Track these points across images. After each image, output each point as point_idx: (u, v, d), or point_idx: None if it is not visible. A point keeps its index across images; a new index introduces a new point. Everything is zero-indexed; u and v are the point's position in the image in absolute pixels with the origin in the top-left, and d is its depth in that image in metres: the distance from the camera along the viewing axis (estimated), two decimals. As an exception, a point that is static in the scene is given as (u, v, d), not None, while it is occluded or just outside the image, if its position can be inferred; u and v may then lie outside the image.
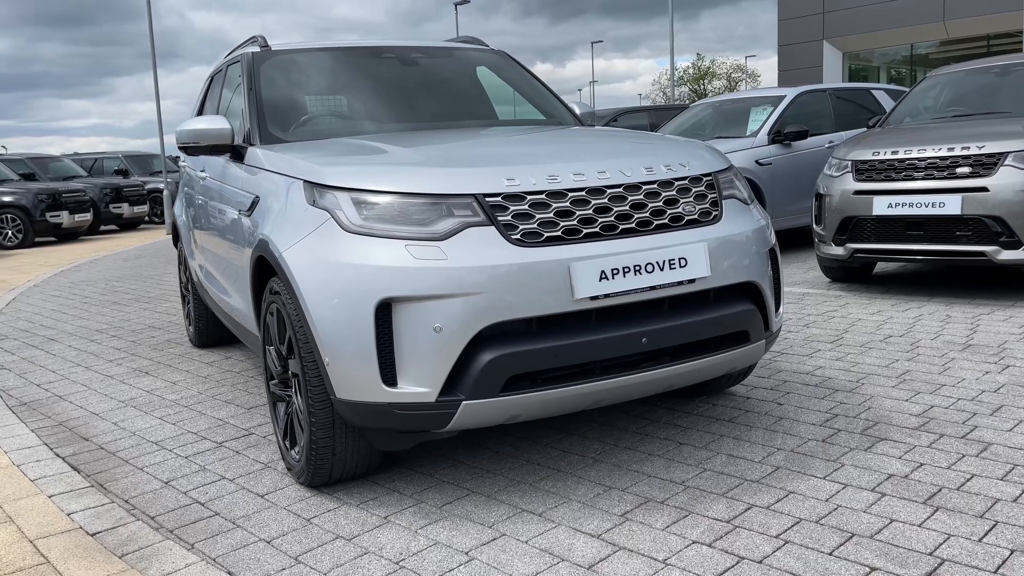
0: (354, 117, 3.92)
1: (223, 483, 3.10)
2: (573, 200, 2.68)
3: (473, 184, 2.62)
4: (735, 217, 2.98)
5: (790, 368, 4.14)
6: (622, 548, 2.41)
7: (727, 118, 8.54)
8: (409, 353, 2.53)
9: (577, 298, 2.57)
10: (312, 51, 4.13)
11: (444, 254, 2.52)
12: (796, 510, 2.59)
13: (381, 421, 2.62)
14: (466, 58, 4.45)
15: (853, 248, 5.73)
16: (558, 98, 4.39)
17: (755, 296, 3.00)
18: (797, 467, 2.92)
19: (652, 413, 3.57)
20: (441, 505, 2.78)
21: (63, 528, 2.77)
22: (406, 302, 2.51)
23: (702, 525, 2.53)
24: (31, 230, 15.27)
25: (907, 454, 2.97)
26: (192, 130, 3.62)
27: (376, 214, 2.62)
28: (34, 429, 3.90)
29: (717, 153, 3.21)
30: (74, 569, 2.47)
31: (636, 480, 2.89)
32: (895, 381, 3.82)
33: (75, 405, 4.28)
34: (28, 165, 17.83)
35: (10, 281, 10.10)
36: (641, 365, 2.75)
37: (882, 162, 5.55)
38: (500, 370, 2.52)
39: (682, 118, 9.01)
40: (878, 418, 3.35)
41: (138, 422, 3.92)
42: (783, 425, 3.33)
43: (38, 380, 4.87)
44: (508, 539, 2.51)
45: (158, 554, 2.53)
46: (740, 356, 2.96)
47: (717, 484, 2.81)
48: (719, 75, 65.78)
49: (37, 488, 3.13)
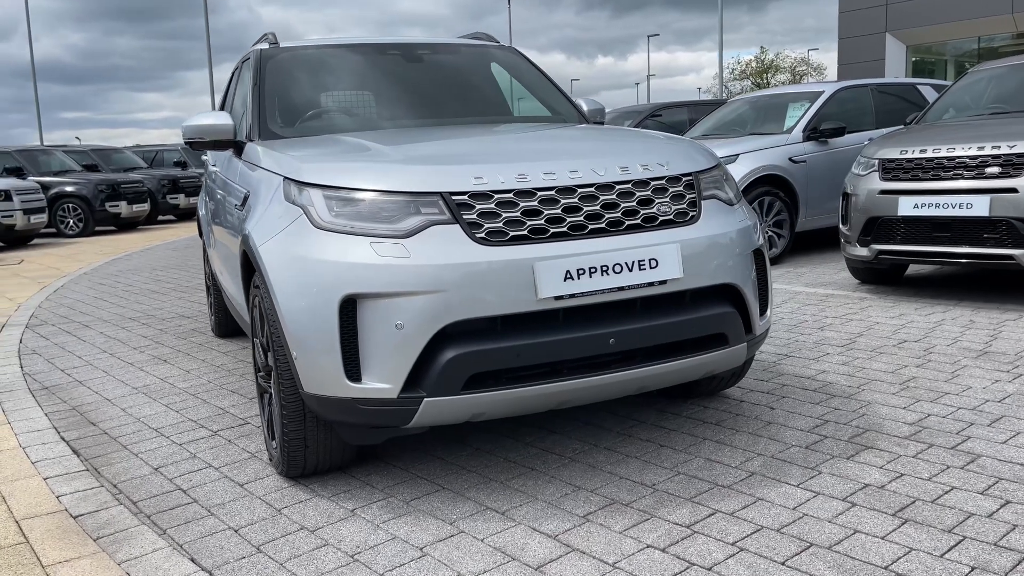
0: (356, 114, 3.97)
1: (208, 471, 3.18)
2: (542, 199, 2.67)
3: (440, 182, 2.64)
4: (715, 218, 2.93)
5: (792, 371, 4.06)
6: (575, 550, 2.41)
7: (764, 114, 8.37)
8: (372, 349, 2.56)
9: (541, 298, 2.57)
10: (319, 48, 4.19)
11: (407, 252, 2.55)
12: (760, 517, 2.54)
13: (346, 416, 2.66)
14: (474, 54, 4.46)
15: (878, 249, 5.57)
16: (565, 95, 4.37)
17: (735, 298, 2.95)
18: (773, 474, 2.86)
19: (640, 414, 3.54)
20: (409, 500, 2.81)
21: (49, 510, 2.88)
22: (370, 299, 2.54)
23: (661, 529, 2.50)
24: (91, 219, 15.82)
25: (889, 464, 2.89)
26: (195, 125, 3.71)
27: (345, 211, 2.66)
28: (47, 412, 4.06)
29: (704, 152, 3.16)
30: (49, 550, 2.57)
31: (607, 481, 2.88)
32: (897, 388, 3.72)
33: (91, 390, 4.44)
34: (91, 156, 18.46)
35: (63, 268, 10.49)
36: (611, 366, 2.73)
37: (909, 161, 5.38)
38: (461, 368, 2.54)
39: (719, 114, 8.87)
40: (869, 426, 3.26)
41: (145, 409, 4.04)
42: (769, 430, 3.27)
43: (63, 365, 5.06)
44: (465, 536, 2.53)
45: (131, 538, 2.61)
46: (718, 359, 2.92)
47: (687, 488, 2.78)
48: (783, 68, 64.42)
49: (35, 470, 3.26)
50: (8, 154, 16.22)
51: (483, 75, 4.42)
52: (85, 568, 2.44)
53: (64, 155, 17.65)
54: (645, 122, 10.53)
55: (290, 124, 3.80)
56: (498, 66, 4.54)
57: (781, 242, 7.55)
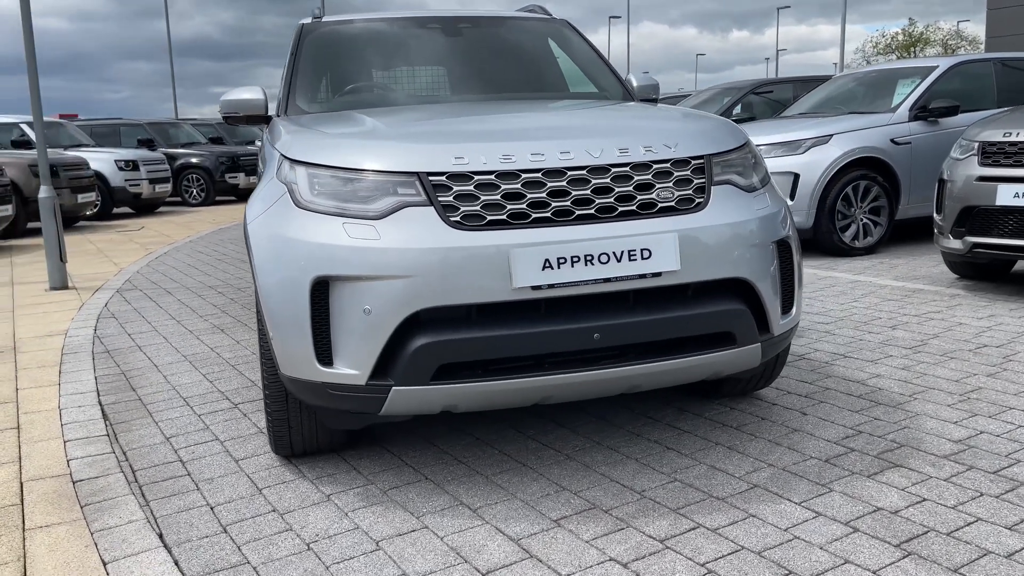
0: (389, 90, 3.89)
1: (212, 444, 3.21)
2: (526, 182, 2.51)
3: (418, 162, 2.52)
4: (726, 205, 2.68)
5: (842, 374, 3.72)
6: (532, 557, 2.27)
7: (871, 91, 7.76)
8: (343, 333, 2.49)
9: (516, 287, 2.41)
10: (359, 23, 4.14)
11: (378, 234, 2.45)
12: (744, 537, 2.32)
13: (318, 400, 2.61)
14: (519, 27, 4.29)
15: (972, 242, 5.05)
16: (612, 70, 4.14)
17: (748, 294, 2.70)
18: (777, 487, 2.61)
19: (657, 412, 3.33)
20: (387, 489, 2.74)
21: (56, 473, 2.98)
22: (341, 281, 2.46)
23: (631, 541, 2.32)
24: (212, 190, 16.62)
25: (914, 486, 2.58)
26: (230, 100, 3.74)
27: (324, 190, 2.58)
28: (97, 376, 4.23)
29: (726, 133, 2.90)
30: (36, 513, 2.65)
31: (596, 483, 2.71)
32: (956, 399, 3.34)
33: (145, 356, 4.60)
34: (217, 130, 19.29)
35: (174, 236, 11.04)
36: (598, 362, 2.55)
37: (1013, 144, 4.83)
38: (429, 358, 2.42)
39: (823, 91, 8.29)
40: (906, 440, 2.93)
41: (183, 377, 4.15)
42: (791, 438, 3.00)
43: (132, 330, 5.28)
44: (426, 533, 2.43)
45: (114, 508, 2.66)
46: (724, 360, 2.68)
47: (677, 497, 2.58)
48: (933, 42, 60.11)
49: (61, 432, 3.39)
50: (140, 126, 17.22)
51: (526, 48, 4.24)
52: (59, 535, 2.50)
53: (192, 128, 18.59)
54: (747, 98, 10.01)
55: (322, 100, 3.77)
56: (553, 41, 4.35)
57: (877, 231, 7.00)
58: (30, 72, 6.81)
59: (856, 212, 6.90)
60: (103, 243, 10.55)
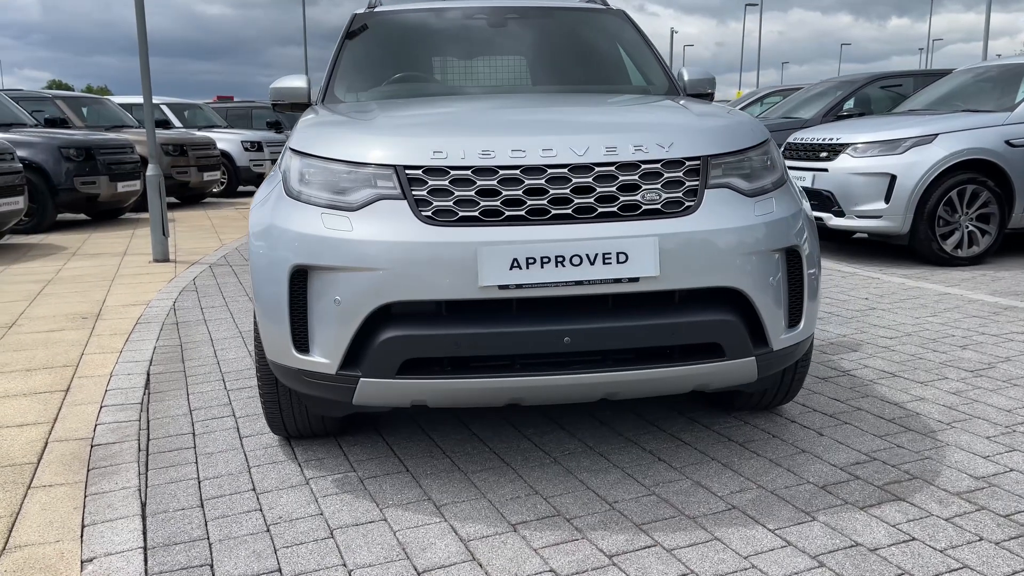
0: (420, 81, 3.90)
1: (227, 419, 3.34)
2: (504, 178, 2.46)
3: (396, 155, 2.52)
4: (721, 210, 2.53)
5: (882, 395, 3.46)
6: (473, 560, 2.24)
7: (993, 87, 7.14)
8: (318, 322, 2.53)
9: (482, 285, 2.38)
10: (408, 12, 4.17)
11: (351, 225, 2.47)
12: (697, 561, 2.20)
13: (297, 386, 2.66)
14: (570, 18, 4.20)
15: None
16: (661, 64, 3.99)
17: (742, 305, 2.55)
18: (756, 511, 2.46)
19: (665, 421, 3.21)
20: (365, 478, 2.77)
21: (81, 436, 3.18)
22: (317, 271, 2.50)
23: (580, 553, 2.25)
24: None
25: (908, 523, 2.37)
26: (277, 88, 3.85)
27: (311, 180, 2.62)
28: (157, 347, 4.48)
29: (739, 133, 2.73)
30: (48, 474, 2.84)
31: (571, 490, 2.64)
32: (1000, 431, 3.04)
33: (207, 330, 4.84)
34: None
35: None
36: (571, 367, 2.48)
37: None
38: (393, 352, 2.43)
39: (939, 87, 7.69)
40: (921, 472, 2.70)
41: (231, 352, 4.34)
42: (795, 460, 2.82)
43: (206, 304, 5.57)
44: (382, 526, 2.44)
45: (115, 474, 2.82)
46: (710, 373, 2.55)
47: (647, 512, 2.47)
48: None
49: (102, 397, 3.61)
50: (269, 109, 18.07)
51: (575, 40, 4.15)
52: (56, 495, 2.67)
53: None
54: (862, 93, 9.42)
55: (359, 90, 3.82)
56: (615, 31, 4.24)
57: (984, 240, 6.45)
58: (141, 57, 7.26)
59: (961, 219, 6.39)
60: (219, 219, 11.15)
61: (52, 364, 4.14)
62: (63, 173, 9.73)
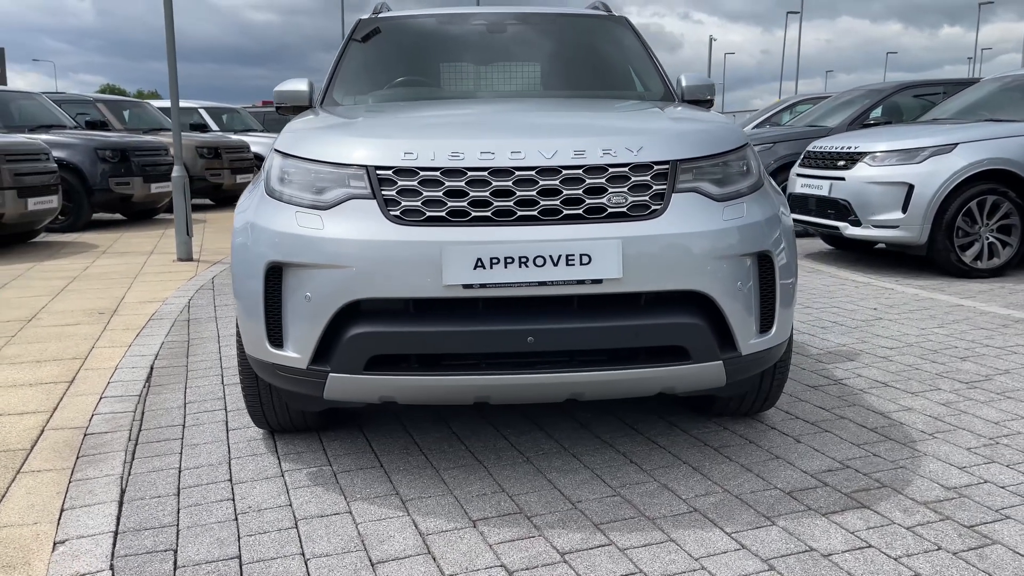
0: (415, 86, 3.97)
1: (218, 412, 3.43)
2: (472, 180, 2.50)
3: (368, 155, 2.58)
4: (688, 213, 2.55)
5: (869, 404, 3.43)
6: (428, 553, 2.28)
7: (1019, 96, 6.99)
8: (291, 318, 2.59)
9: (447, 284, 2.42)
10: (409, 18, 4.24)
11: (322, 224, 2.53)
12: (648, 561, 2.21)
13: (272, 380, 2.73)
14: (569, 26, 4.24)
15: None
16: (658, 70, 4.00)
17: (709, 309, 2.56)
18: (716, 515, 2.47)
19: (644, 424, 3.21)
20: (340, 471, 2.83)
21: (77, 425, 3.29)
22: (290, 268, 2.57)
23: (533, 550, 2.28)
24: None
25: (868, 530, 2.36)
26: (280, 91, 3.95)
27: (288, 180, 2.70)
28: (165, 342, 4.61)
29: (714, 137, 2.74)
30: (37, 459, 2.95)
31: (537, 489, 2.67)
32: (981, 443, 3.00)
33: (216, 327, 4.96)
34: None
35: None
36: (536, 366, 2.52)
37: None
38: (360, 348, 2.48)
39: (965, 96, 7.56)
40: (891, 481, 2.68)
41: (234, 349, 4.43)
42: (767, 466, 2.81)
43: (221, 301, 5.70)
44: (344, 518, 2.49)
45: (101, 462, 2.92)
46: (676, 376, 2.56)
47: (608, 512, 2.49)
48: None
49: (103, 389, 3.73)
50: (307, 113, 18.32)
51: (576, 46, 4.19)
52: (42, 481, 2.77)
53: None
54: (890, 101, 9.29)
55: (359, 93, 3.90)
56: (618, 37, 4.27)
57: (1006, 252, 6.32)
58: (170, 63, 7.46)
59: (981, 230, 6.27)
60: (249, 221, 11.36)
61: (62, 356, 4.28)
62: (98, 174, 10.01)
